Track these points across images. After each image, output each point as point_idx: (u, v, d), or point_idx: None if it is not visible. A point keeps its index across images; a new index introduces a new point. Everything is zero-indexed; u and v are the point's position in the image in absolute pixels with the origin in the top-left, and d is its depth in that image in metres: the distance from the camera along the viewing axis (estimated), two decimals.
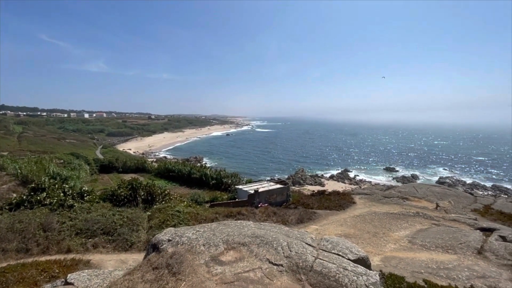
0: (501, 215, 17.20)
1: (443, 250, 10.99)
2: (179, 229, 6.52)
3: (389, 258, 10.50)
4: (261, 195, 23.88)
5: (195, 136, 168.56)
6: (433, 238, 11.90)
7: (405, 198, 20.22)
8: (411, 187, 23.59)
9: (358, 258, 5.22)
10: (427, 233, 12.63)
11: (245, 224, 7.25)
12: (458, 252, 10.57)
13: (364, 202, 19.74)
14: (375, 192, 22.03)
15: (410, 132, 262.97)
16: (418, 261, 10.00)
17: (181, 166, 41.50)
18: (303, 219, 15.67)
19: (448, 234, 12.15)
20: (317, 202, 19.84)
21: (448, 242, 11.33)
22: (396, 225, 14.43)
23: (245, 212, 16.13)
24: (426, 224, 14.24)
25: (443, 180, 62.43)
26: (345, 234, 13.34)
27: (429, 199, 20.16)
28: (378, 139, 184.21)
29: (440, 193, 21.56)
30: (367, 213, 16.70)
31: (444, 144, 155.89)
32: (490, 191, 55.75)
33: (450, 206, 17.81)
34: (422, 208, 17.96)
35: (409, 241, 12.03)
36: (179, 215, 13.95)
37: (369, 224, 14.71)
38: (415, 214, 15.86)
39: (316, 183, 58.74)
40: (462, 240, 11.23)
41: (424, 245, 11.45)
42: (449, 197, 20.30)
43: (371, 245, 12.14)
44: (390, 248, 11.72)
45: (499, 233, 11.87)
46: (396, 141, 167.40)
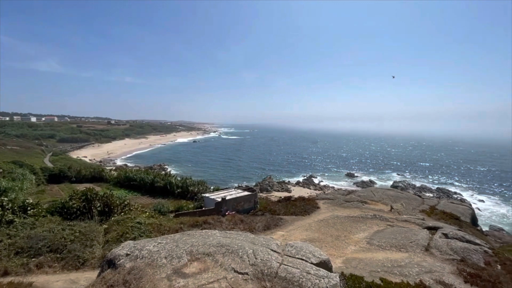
0: (443, 215, 19.27)
1: (396, 249, 11.91)
2: (139, 242, 6.12)
3: (350, 259, 11.04)
4: (228, 203, 23.59)
5: (160, 143, 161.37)
6: (388, 239, 12.85)
7: (364, 201, 21.59)
8: (369, 191, 25.31)
9: (320, 261, 5.41)
10: (383, 234, 13.59)
11: (210, 234, 7.09)
12: (409, 250, 11.54)
13: (328, 207, 20.62)
14: (337, 197, 23.18)
15: (368, 140, 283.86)
16: (376, 261, 10.68)
17: (144, 174, 39.27)
18: (270, 226, 15.80)
19: (401, 234, 13.23)
20: (284, 208, 20.20)
21: (401, 242, 12.33)
22: (356, 228, 15.29)
23: (212, 220, 15.76)
24: (382, 226, 15.33)
25: (397, 184, 68.13)
26: (309, 239, 13.74)
27: (384, 202, 21.81)
28: (339, 146, 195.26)
29: (394, 196, 23.48)
30: (330, 217, 17.45)
31: (396, 151, 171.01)
32: (435, 193, 62.20)
33: (402, 208, 19.46)
34: (378, 210, 19.34)
35: (367, 242, 12.81)
36: (140, 227, 13.10)
37: (332, 228, 15.36)
38: (373, 217, 17.00)
39: (283, 189, 59.90)
40: (413, 239, 12.31)
41: (381, 246, 12.29)
42: (401, 200, 22.20)
43: (333, 248, 12.66)
44: (351, 250, 12.35)
45: (442, 231, 13.26)
46: (355, 149, 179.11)
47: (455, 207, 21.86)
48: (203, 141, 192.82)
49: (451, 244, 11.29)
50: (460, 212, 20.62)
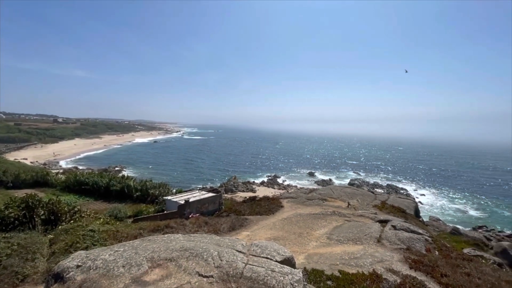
0: (393, 208, 21.29)
1: (353, 242, 12.81)
2: (93, 252, 5.62)
3: (311, 255, 11.55)
4: (192, 205, 22.94)
5: (116, 144, 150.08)
6: (346, 233, 13.75)
7: (324, 199, 22.81)
8: (328, 189, 26.80)
9: (284, 259, 5.57)
10: (341, 229, 14.50)
11: (173, 238, 6.81)
12: (364, 242, 12.49)
13: (291, 205, 21.32)
14: (300, 196, 24.09)
15: (330, 141, 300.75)
16: (335, 255, 11.34)
17: (98, 177, 36.09)
18: (235, 226, 15.77)
19: (357, 228, 14.27)
20: (249, 208, 20.33)
21: (357, 235, 13.29)
22: (317, 224, 16.06)
23: (174, 224, 15.17)
24: (341, 221, 16.36)
25: (353, 182, 73.31)
26: (274, 237, 14.04)
27: (342, 199, 23.30)
28: (303, 147, 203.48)
29: (351, 193, 25.24)
30: (293, 215, 18.05)
31: (353, 152, 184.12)
32: (385, 189, 68.38)
33: (358, 204, 21.02)
34: (337, 207, 20.59)
35: (327, 238, 13.54)
36: (93, 235, 12.02)
37: (295, 226, 15.90)
38: (332, 213, 18.04)
39: (248, 189, 60.27)
40: (367, 232, 13.36)
41: (339, 240, 13.09)
42: (357, 196, 23.96)
43: (297, 245, 13.13)
44: (313, 246, 12.94)
45: (391, 223, 14.64)
46: (317, 149, 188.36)
47: (402, 201, 24.33)
48: (165, 142, 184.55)
49: (399, 235, 12.53)
50: (406, 205, 23.00)
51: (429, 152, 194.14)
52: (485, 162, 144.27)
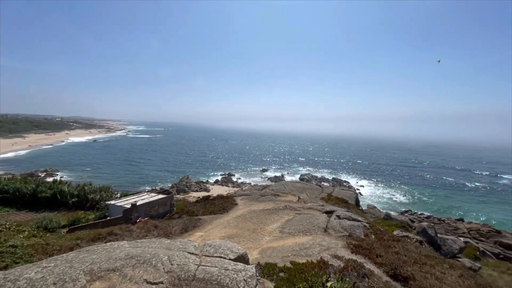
0: (337, 200, 23.27)
1: (303, 234, 13.59)
2: (13, 271, 4.77)
3: (265, 249, 11.87)
4: (139, 209, 21.34)
5: (45, 144, 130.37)
6: (297, 226, 14.52)
7: (277, 194, 23.66)
8: (281, 185, 27.90)
9: (238, 256, 5.59)
10: (292, 222, 15.24)
11: (117, 246, 6.23)
12: (312, 233, 13.37)
13: (245, 203, 21.55)
14: (253, 192, 24.52)
15: (283, 138, 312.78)
16: (287, 247, 11.87)
17: (20, 183, 30.79)
18: (188, 228, 15.24)
19: (306, 220, 15.18)
20: (202, 208, 19.87)
21: (306, 227, 14.15)
22: (270, 219, 16.58)
23: (119, 231, 13.91)
24: (292, 215, 17.19)
25: (303, 177, 77.76)
26: (228, 235, 14.01)
27: (293, 193, 24.52)
28: (258, 145, 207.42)
29: (301, 188, 26.72)
30: (247, 212, 18.28)
31: (304, 148, 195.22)
32: (331, 183, 74.27)
33: (307, 197, 22.38)
34: (288, 201, 21.58)
35: (280, 231, 14.09)
36: (15, 251, 10.24)
37: (249, 222, 16.13)
38: (284, 208, 18.83)
39: (202, 189, 58.87)
40: (315, 223, 14.32)
41: (291, 233, 13.75)
42: (306, 190, 25.49)
43: (251, 241, 13.34)
44: (266, 240, 13.31)
45: (336, 213, 15.98)
46: (271, 147, 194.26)
47: (345, 192, 26.78)
48: (106, 141, 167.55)
49: (342, 224, 13.75)
50: (348, 196, 25.38)
51: (371, 148, 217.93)
52: (417, 158, 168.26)
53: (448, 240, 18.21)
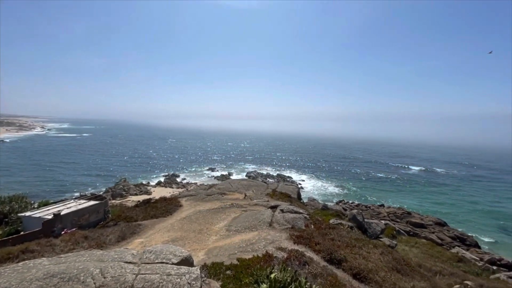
0: (281, 195, 24.49)
1: (249, 230, 13.88)
2: None
3: (212, 249, 11.72)
4: (65, 219, 18.56)
5: None
6: (243, 223, 14.74)
7: (223, 193, 23.57)
8: (227, 183, 27.90)
9: (182, 259, 5.37)
10: (239, 220, 15.41)
11: (33, 265, 5.28)
12: (258, 228, 13.77)
13: (190, 203, 20.83)
14: (199, 192, 23.90)
15: (232, 137, 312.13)
16: (233, 244, 11.95)
17: None
18: (126, 235, 13.94)
19: (252, 216, 15.55)
20: (142, 213, 18.43)
21: (252, 223, 14.49)
22: (217, 219, 16.42)
23: (37, 247, 11.83)
24: (238, 212, 17.37)
25: (249, 174, 79.29)
26: (172, 239, 13.35)
27: (240, 191, 24.81)
28: (204, 143, 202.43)
29: (247, 185, 27.22)
30: (193, 213, 17.72)
31: (251, 145, 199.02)
32: (276, 179, 77.70)
33: (253, 194, 22.92)
34: (235, 199, 21.74)
35: (226, 230, 14.09)
36: None
37: (194, 223, 15.66)
38: (231, 206, 18.89)
39: (142, 192, 54.54)
40: (261, 219, 14.78)
41: (237, 230, 13.89)
42: (252, 187, 26.09)
43: (197, 242, 12.98)
44: (213, 240, 13.15)
45: (280, 207, 16.81)
46: (218, 145, 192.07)
47: (288, 187, 28.39)
48: (16, 141, 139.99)
49: (286, 217, 14.55)
50: (291, 191, 26.99)
51: (312, 145, 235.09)
52: (350, 154, 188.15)
53: (373, 224, 21.09)
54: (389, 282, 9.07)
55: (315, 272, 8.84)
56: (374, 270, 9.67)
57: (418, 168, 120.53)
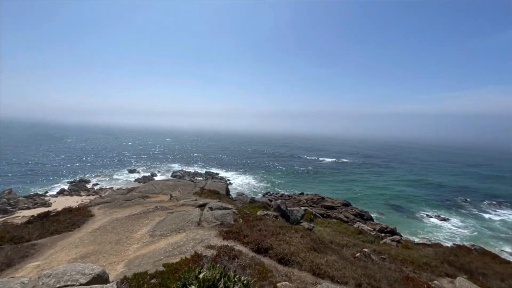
0: (210, 192, 24.22)
1: (176, 232, 13.19)
2: None
3: (133, 259, 10.59)
4: None
5: None
6: (169, 225, 13.89)
7: (146, 196, 21.61)
8: (150, 185, 25.69)
9: (93, 277, 4.64)
10: (164, 223, 14.44)
11: None
12: (186, 229, 13.24)
13: (105, 212, 18.25)
14: (116, 198, 21.19)
15: (154, 134, 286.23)
16: (159, 250, 11.13)
17: None
18: (13, 261, 11.12)
19: (179, 217, 14.83)
20: (38, 230, 15.03)
21: (180, 224, 13.82)
22: (138, 225, 14.93)
23: None
24: (164, 215, 16.26)
25: (175, 174, 75.25)
26: (82, 255, 11.42)
27: (165, 192, 23.23)
28: (120, 143, 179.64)
29: (173, 185, 25.74)
30: (108, 222, 15.58)
31: (176, 144, 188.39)
32: (204, 177, 76.34)
33: (180, 194, 21.85)
34: (160, 202, 20.25)
35: (150, 235, 12.99)
36: None
37: (111, 233, 13.82)
38: (155, 209, 17.51)
39: (38, 204, 44.52)
40: (188, 219, 14.25)
41: (163, 234, 12.99)
42: (179, 187, 24.84)
43: (114, 254, 11.51)
44: (134, 249, 11.90)
45: (209, 205, 16.60)
46: (140, 144, 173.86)
47: (216, 184, 28.30)
48: None
49: (214, 214, 14.47)
50: (220, 187, 27.01)
51: (239, 141, 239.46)
52: (273, 149, 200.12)
53: (294, 211, 23.28)
54: (308, 260, 10.22)
55: (244, 264, 9.14)
56: (295, 252, 10.70)
57: (330, 159, 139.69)
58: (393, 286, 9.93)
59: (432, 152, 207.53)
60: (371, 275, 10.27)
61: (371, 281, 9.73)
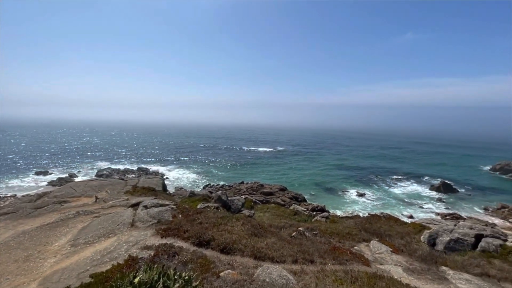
0: (144, 190, 22.38)
1: (105, 237, 11.80)
2: None
3: (50, 275, 9.06)
4: None
5: None
6: (95, 231, 12.31)
7: (64, 201, 18.55)
8: (68, 188, 22.10)
9: None
10: (89, 229, 12.73)
11: None
12: (117, 233, 11.98)
13: (6, 225, 14.90)
14: (21, 207, 17.49)
15: (72, 128, 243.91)
16: (84, 260, 9.80)
17: None
18: None
19: (108, 220, 13.29)
20: None
21: (109, 228, 12.41)
22: (55, 235, 12.76)
23: None
24: (88, 220, 14.31)
25: (101, 173, 66.78)
26: None
27: (88, 194, 20.38)
28: (31, 139, 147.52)
29: (98, 186, 22.76)
30: (11, 237, 12.81)
31: (102, 139, 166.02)
32: (137, 173, 70.13)
33: (107, 195, 19.51)
34: (82, 206, 17.69)
35: (72, 245, 11.29)
36: None
37: (16, 250, 11.43)
38: (76, 214, 15.22)
39: None
40: (119, 221, 12.91)
41: (88, 241, 11.45)
42: (106, 187, 22.14)
43: (23, 273, 9.60)
44: (51, 263, 10.18)
45: (143, 204, 15.35)
46: (53, 139, 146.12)
47: (151, 181, 26.34)
48: None
49: (150, 212, 13.51)
50: (155, 184, 25.25)
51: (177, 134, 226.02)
52: (214, 142, 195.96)
53: (235, 200, 23.69)
54: (249, 246, 10.61)
55: (186, 259, 8.88)
56: (237, 240, 10.96)
57: (267, 149, 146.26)
58: (323, 256, 11.24)
59: (354, 138, 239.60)
60: (305, 250, 11.38)
61: (305, 256, 10.79)
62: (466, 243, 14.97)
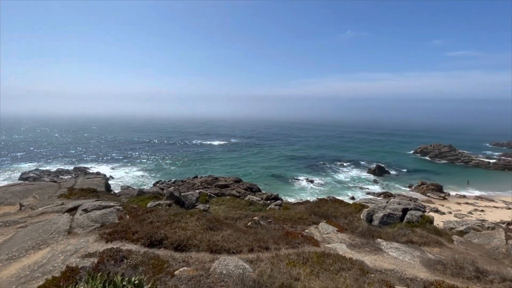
0: (83, 192, 20.03)
1: (35, 249, 10.25)
2: None
3: None
4: None
5: None
6: (22, 243, 10.59)
7: None
8: None
9: None
10: (13, 242, 10.88)
11: None
12: (50, 242, 10.51)
13: None
14: None
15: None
16: (7, 279, 8.34)
17: None
18: None
19: (38, 230, 11.55)
20: None
21: (39, 239, 10.80)
22: None
23: None
24: (11, 232, 12.20)
25: (27, 176, 57.54)
26: None
27: (10, 202, 17.31)
28: None
29: (23, 191, 19.50)
30: None
31: (26, 136, 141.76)
32: (73, 174, 62.39)
33: (36, 201, 16.88)
34: (2, 215, 15.00)
35: None
36: None
37: None
38: None
39: None
40: (52, 229, 11.34)
41: (12, 257, 9.76)
42: (33, 192, 19.11)
43: None
44: None
45: (82, 207, 13.74)
46: None
47: (91, 181, 23.70)
48: None
49: (91, 216, 12.18)
50: (96, 184, 22.82)
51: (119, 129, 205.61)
52: (165, 135, 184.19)
53: (188, 195, 22.96)
54: (205, 241, 10.46)
55: (135, 262, 8.31)
56: (192, 236, 10.68)
57: (222, 142, 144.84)
58: (277, 242, 11.76)
59: (304, 129, 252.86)
60: (260, 239, 11.73)
61: (261, 244, 11.13)
62: (395, 217, 17.40)
